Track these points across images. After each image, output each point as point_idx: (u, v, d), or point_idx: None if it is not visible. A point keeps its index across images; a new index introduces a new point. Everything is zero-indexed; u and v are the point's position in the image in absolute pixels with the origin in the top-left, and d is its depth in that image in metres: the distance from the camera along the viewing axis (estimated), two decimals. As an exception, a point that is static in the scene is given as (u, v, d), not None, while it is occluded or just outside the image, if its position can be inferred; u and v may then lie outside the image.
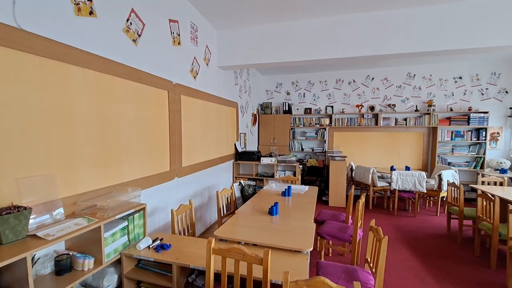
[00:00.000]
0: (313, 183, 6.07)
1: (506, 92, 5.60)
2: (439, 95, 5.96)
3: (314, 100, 6.78)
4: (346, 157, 5.40)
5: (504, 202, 3.04)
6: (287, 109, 6.71)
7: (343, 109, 6.47)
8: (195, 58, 3.53)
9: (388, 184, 5.02)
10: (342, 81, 6.55)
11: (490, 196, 2.92)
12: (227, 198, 3.36)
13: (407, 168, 5.18)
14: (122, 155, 2.27)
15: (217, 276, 1.63)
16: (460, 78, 5.83)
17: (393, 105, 6.14)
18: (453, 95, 5.88)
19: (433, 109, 5.83)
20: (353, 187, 3.22)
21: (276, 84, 7.06)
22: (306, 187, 3.72)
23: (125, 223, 1.98)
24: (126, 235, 2.00)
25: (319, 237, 2.84)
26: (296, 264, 1.69)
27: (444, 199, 4.53)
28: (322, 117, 6.59)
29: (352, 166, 5.69)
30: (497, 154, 5.66)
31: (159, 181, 2.77)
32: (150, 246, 2.02)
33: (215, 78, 4.17)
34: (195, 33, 3.52)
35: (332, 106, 6.57)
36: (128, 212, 1.96)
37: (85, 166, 1.92)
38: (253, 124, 6.35)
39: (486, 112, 5.50)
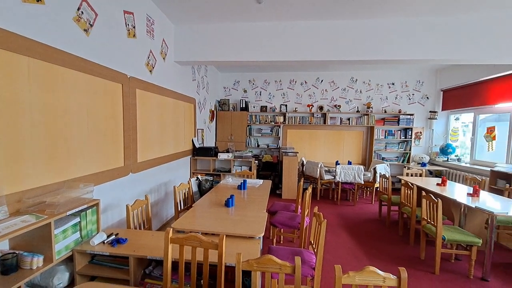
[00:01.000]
0: (268, 178, 6.34)
1: (427, 97, 6.54)
2: (376, 98, 6.68)
3: (270, 98, 7.03)
4: (297, 152, 5.76)
5: (420, 189, 3.61)
6: (244, 106, 6.86)
7: (295, 108, 6.83)
8: (151, 51, 3.44)
9: (333, 177, 5.51)
10: (295, 81, 6.91)
11: (410, 185, 3.45)
12: (184, 193, 3.38)
13: (349, 163, 5.74)
14: (72, 150, 2.16)
15: (175, 265, 1.69)
16: (393, 84, 6.61)
17: (338, 106, 6.70)
18: (387, 98, 6.65)
19: (371, 111, 6.51)
20: (302, 180, 3.51)
21: (233, 82, 7.14)
22: (261, 181, 3.92)
23: (77, 219, 1.91)
24: (78, 232, 1.93)
25: (271, 226, 3.04)
26: (249, 249, 1.84)
27: (378, 189, 5.15)
28: (277, 115, 6.89)
29: (303, 161, 6.08)
30: (420, 150, 6.59)
31: (112, 177, 2.68)
32: (105, 241, 1.98)
33: (172, 73, 4.10)
34: (151, 26, 3.43)
35: (286, 105, 6.90)
36: (80, 208, 1.90)
37: (31, 161, 1.80)
38: (211, 120, 6.36)
39: (412, 114, 6.36)
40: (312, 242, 2.24)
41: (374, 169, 5.24)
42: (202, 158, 4.97)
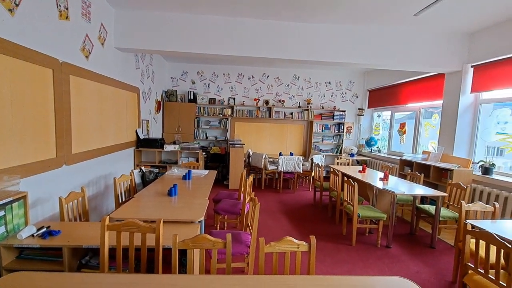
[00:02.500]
0: (216, 169, 6.44)
1: (357, 96, 7.36)
2: (315, 95, 7.26)
3: (218, 91, 7.08)
4: (244, 144, 5.97)
5: (344, 176, 4.14)
6: (192, 98, 6.78)
7: (243, 102, 7.02)
8: (87, 36, 3.20)
9: (276, 168, 5.88)
10: (243, 75, 7.08)
11: (336, 172, 3.93)
12: (127, 185, 3.29)
13: (291, 154, 6.19)
14: (-7, 140, 1.96)
15: (112, 253, 1.72)
16: (329, 83, 7.26)
17: (282, 101, 7.10)
18: (324, 96, 7.29)
19: (310, 106, 7.07)
20: (245, 170, 3.71)
21: (181, 72, 6.98)
22: (206, 171, 4.01)
23: (1, 213, 1.78)
24: (4, 226, 1.80)
25: (215, 214, 3.19)
26: (189, 232, 1.96)
27: (314, 177, 5.69)
28: (225, 108, 6.98)
29: (249, 153, 6.33)
30: (350, 143, 7.42)
31: (44, 169, 2.49)
32: (35, 235, 1.88)
33: (112, 60, 3.87)
34: (87, 8, 3.19)
35: (234, 98, 7.03)
36: (4, 201, 1.77)
37: None
38: (157, 111, 6.15)
39: (344, 111, 7.11)
40: (249, 224, 2.45)
41: (311, 159, 5.76)
42: (147, 149, 4.83)
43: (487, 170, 3.90)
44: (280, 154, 5.92)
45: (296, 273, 1.56)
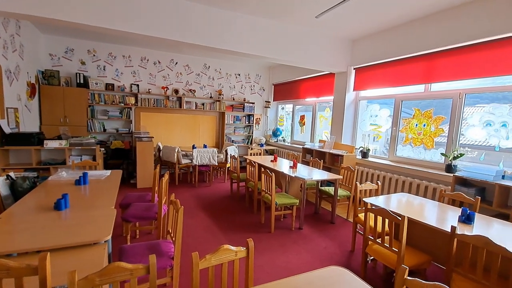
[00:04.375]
0: (120, 167, 5.52)
1: (264, 89, 7.71)
2: (226, 86, 7.16)
3: (117, 75, 5.99)
4: (153, 137, 5.31)
5: (260, 166, 4.26)
6: (82, 82, 5.48)
7: (149, 89, 6.20)
8: None
9: (190, 161, 5.52)
10: (147, 60, 6.22)
11: (253, 163, 3.99)
12: (-16, 198, 2.32)
13: (205, 146, 5.92)
14: None
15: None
16: (239, 75, 7.30)
17: (193, 90, 6.67)
18: (234, 87, 7.28)
19: (222, 98, 6.93)
20: (159, 166, 3.26)
21: (65, 49, 5.51)
22: (108, 172, 3.32)
23: None
24: None
25: (124, 222, 2.67)
26: (93, 259, 1.51)
27: (229, 168, 5.65)
28: (127, 96, 5.99)
29: (159, 147, 5.69)
30: (259, 133, 7.76)
31: None
32: None
33: None
34: None
35: (137, 85, 6.11)
36: None
37: None
38: (31, 97, 4.67)
39: (253, 103, 7.32)
40: (170, 231, 2.14)
41: (226, 151, 5.68)
42: (17, 147, 3.60)
43: (365, 154, 4.78)
44: (194, 147, 5.58)
45: (234, 284, 1.42)
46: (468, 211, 2.09)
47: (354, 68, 5.08)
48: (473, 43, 3.29)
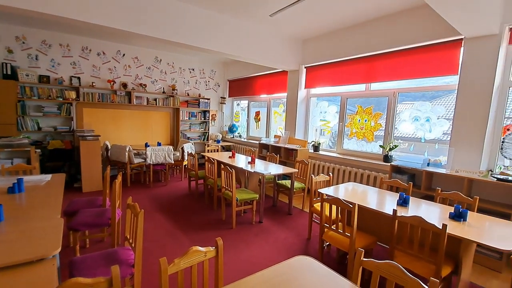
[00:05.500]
0: (60, 170, 4.87)
1: (219, 85, 7.60)
2: (180, 81, 6.85)
3: (53, 67, 5.23)
4: (99, 136, 4.80)
5: (219, 163, 4.22)
6: (9, 73, 4.64)
7: (92, 83, 5.57)
8: None
9: (144, 160, 5.16)
10: (90, 50, 5.57)
11: (212, 160, 3.93)
12: None
13: (159, 144, 5.60)
14: None
15: None
16: (193, 70, 7.04)
17: (144, 85, 6.22)
18: (189, 82, 7.01)
19: (176, 93, 6.61)
20: (109, 167, 2.98)
21: (-19, 34, 4.59)
22: (48, 176, 2.91)
23: None
24: None
25: (71, 231, 2.39)
26: (40, 278, 1.32)
27: (186, 166, 5.47)
28: (66, 89, 5.28)
29: (107, 146, 5.19)
30: (215, 130, 7.65)
31: None
32: None
33: None
34: None
35: (79, 78, 5.43)
36: None
37: None
38: None
39: (209, 99, 7.16)
40: (128, 237, 1.99)
41: (182, 148, 5.47)
42: None
43: (316, 148, 5.10)
44: (147, 145, 5.23)
45: (204, 285, 1.39)
46: (404, 195, 2.41)
47: (305, 67, 5.33)
48: (404, 48, 3.74)
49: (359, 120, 4.55)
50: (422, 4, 3.37)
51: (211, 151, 5.64)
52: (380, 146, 4.16)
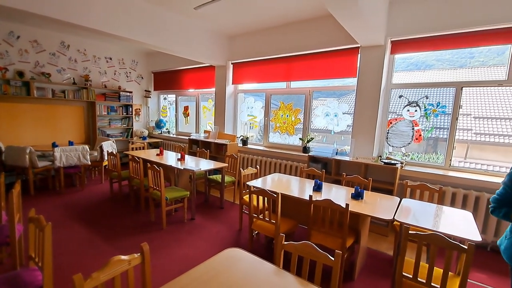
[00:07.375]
0: None
1: (142, 77, 6.96)
2: (94, 71, 5.97)
3: None
4: (-19, 136, 3.78)
5: (145, 162, 3.92)
6: None
7: (-34, 70, 4.31)
8: None
9: (51, 163, 4.34)
10: (-41, 28, 4.27)
11: (137, 159, 3.62)
12: None
13: (71, 143, 4.78)
14: None
15: None
16: (111, 59, 6.23)
17: (48, 74, 5.18)
18: (106, 73, 6.18)
19: (90, 84, 5.74)
20: (3, 174, 2.40)
21: None
22: None
23: None
24: None
25: None
26: None
27: (106, 167, 4.86)
28: None
29: (0, 148, 4.14)
30: (140, 126, 7.01)
31: None
32: None
33: None
34: None
35: None
36: None
37: None
38: None
39: (131, 92, 6.49)
40: (34, 255, 1.68)
41: (100, 147, 4.83)
42: None
43: (245, 142, 5.27)
44: (55, 145, 4.40)
45: (131, 293, 1.31)
46: (318, 181, 2.76)
47: (232, 63, 5.38)
48: (315, 51, 4.19)
49: (282, 115, 4.91)
50: (330, 14, 3.84)
51: (137, 149, 5.16)
52: (300, 138, 4.61)
